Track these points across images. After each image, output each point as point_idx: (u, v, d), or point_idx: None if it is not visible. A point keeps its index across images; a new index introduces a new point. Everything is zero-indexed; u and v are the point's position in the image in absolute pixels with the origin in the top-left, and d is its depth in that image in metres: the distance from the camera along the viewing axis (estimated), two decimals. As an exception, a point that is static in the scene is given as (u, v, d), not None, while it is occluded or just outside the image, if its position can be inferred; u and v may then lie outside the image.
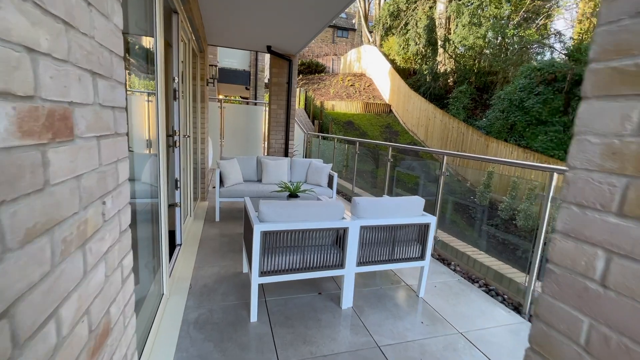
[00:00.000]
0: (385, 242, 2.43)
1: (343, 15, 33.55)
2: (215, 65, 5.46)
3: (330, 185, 4.61)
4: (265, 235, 2.05)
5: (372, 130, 15.32)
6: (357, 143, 5.64)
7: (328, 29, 32.24)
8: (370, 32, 23.96)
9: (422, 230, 2.51)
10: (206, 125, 5.02)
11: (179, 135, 2.90)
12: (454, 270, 3.20)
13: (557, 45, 12.94)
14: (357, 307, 2.38)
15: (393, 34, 20.04)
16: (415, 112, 14.73)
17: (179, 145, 2.91)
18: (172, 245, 3.07)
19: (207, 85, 5.07)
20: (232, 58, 11.87)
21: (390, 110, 17.28)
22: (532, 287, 2.41)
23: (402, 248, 2.48)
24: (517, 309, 2.54)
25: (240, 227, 3.98)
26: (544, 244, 2.39)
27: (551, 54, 14.87)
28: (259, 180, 4.74)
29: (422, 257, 2.55)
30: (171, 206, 3.02)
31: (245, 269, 2.82)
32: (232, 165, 4.39)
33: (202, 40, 4.47)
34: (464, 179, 10.77)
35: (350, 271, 2.32)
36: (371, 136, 14.75)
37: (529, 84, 9.58)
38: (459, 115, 13.14)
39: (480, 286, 2.89)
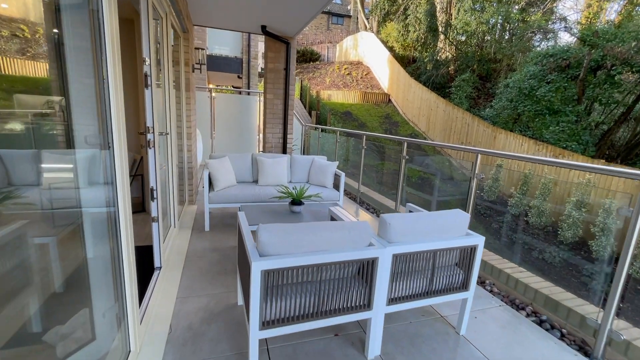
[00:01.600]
0: (422, 272, 1.89)
1: (338, 1, 32.46)
2: (203, 49, 4.79)
3: (336, 186, 4.04)
4: (268, 274, 1.49)
5: (371, 121, 14.70)
6: (364, 137, 5.05)
7: (322, 16, 31.19)
8: (367, 18, 23.09)
9: (467, 253, 1.97)
10: (193, 118, 4.38)
11: (154, 132, 2.28)
12: (491, 291, 2.69)
13: (565, 31, 12.35)
14: (387, 356, 1.85)
15: (391, 20, 19.25)
16: (416, 101, 14.12)
17: (154, 145, 2.30)
18: (150, 269, 2.50)
19: (193, 71, 4.41)
20: (222, 44, 11.08)
21: (389, 100, 16.65)
22: (608, 326, 1.90)
23: (441, 277, 1.94)
24: (583, 348, 2.04)
25: (234, 238, 3.41)
26: (629, 275, 1.87)
27: (555, 40, 14.29)
28: (255, 181, 4.14)
29: (465, 286, 2.01)
30: (141, 211, 2.43)
31: (240, 301, 2.26)
32: (223, 164, 3.79)
33: (185, 19, 3.80)
34: (469, 171, 10.28)
35: (379, 312, 1.77)
36: (370, 127, 14.15)
37: (540, 71, 9.00)
38: (461, 105, 12.58)
39: (528, 314, 2.38)
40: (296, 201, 2.98)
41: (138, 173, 4.09)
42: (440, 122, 12.32)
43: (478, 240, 1.95)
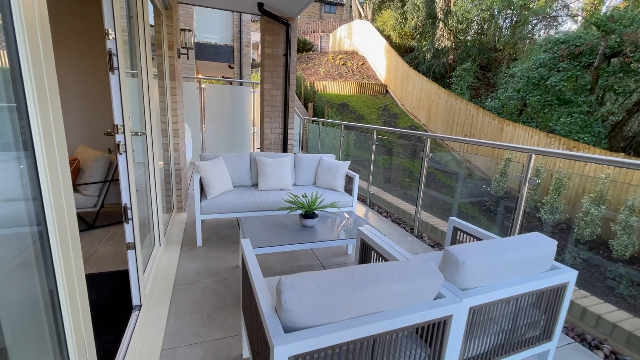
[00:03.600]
0: (500, 323, 1.38)
1: (331, -12, 31.45)
2: (190, 30, 4.15)
3: (349, 189, 3.51)
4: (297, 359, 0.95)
5: (369, 113, 14.15)
6: (375, 132, 4.51)
7: (315, 4, 30.21)
8: (362, 5, 22.33)
9: (553, 293, 1.47)
10: (180, 112, 3.78)
11: (125, 132, 1.70)
12: (549, 321, 2.21)
13: (568, 17, 11.90)
14: None
15: (387, 8, 18.56)
16: (415, 92, 13.59)
17: (126, 150, 1.72)
18: (127, 310, 1.94)
19: (179, 57, 3.79)
20: (211, 32, 10.32)
21: (387, 91, 16.09)
22: None
23: (520, 326, 1.44)
24: (695, 409, 1.57)
25: (232, 256, 2.86)
26: None
27: (556, 28, 13.87)
28: (255, 185, 3.58)
29: (547, 336, 1.52)
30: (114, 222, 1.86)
31: (246, 352, 1.73)
32: (217, 166, 3.22)
33: (167, -8, 3.17)
34: (474, 166, 9.88)
35: (447, 387, 1.26)
36: (368, 120, 13.61)
37: (551, 59, 8.54)
38: (463, 96, 12.12)
39: (606, 356, 1.91)
40: (308, 214, 2.44)
41: (116, 178, 3.48)
42: (442, 114, 11.83)
43: (569, 275, 1.45)
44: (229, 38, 10.12)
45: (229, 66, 10.16)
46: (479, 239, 1.99)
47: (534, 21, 12.78)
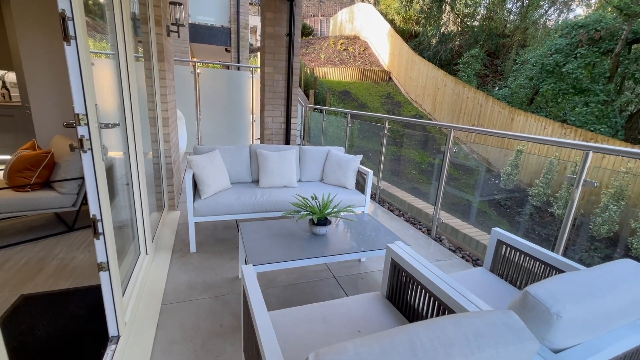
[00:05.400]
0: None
1: (331, -30, 30.30)
2: (181, 4, 3.67)
3: (361, 187, 3.14)
4: None
5: (371, 101, 13.66)
6: (387, 122, 4.11)
7: (314, -14, 29.06)
8: (364, -12, 21.47)
9: (653, 341, 1.12)
10: (170, 98, 3.35)
11: (89, 124, 1.31)
12: None
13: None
14: None
15: (391, -10, 17.77)
16: (420, 79, 13.07)
17: (91, 147, 1.33)
18: (102, 341, 1.59)
19: (169, 35, 3.33)
20: (207, 13, 9.70)
21: (390, 78, 15.54)
22: None
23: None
24: None
25: (231, 264, 2.51)
26: None
27: (566, 13, 13.28)
28: (255, 182, 3.20)
29: (638, 391, 1.18)
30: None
31: (248, 401, 1.38)
32: (213, 161, 2.83)
33: (152, -44, 2.71)
34: (482, 157, 9.52)
35: None
36: (371, 108, 13.14)
37: (568, 45, 8.05)
38: (470, 83, 11.63)
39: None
40: (321, 220, 2.07)
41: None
42: (448, 103, 11.37)
43: (677, 319, 1.10)
44: (226, 19, 9.53)
45: (226, 50, 9.61)
46: (531, 256, 1.64)
47: (546, 5, 12.19)
